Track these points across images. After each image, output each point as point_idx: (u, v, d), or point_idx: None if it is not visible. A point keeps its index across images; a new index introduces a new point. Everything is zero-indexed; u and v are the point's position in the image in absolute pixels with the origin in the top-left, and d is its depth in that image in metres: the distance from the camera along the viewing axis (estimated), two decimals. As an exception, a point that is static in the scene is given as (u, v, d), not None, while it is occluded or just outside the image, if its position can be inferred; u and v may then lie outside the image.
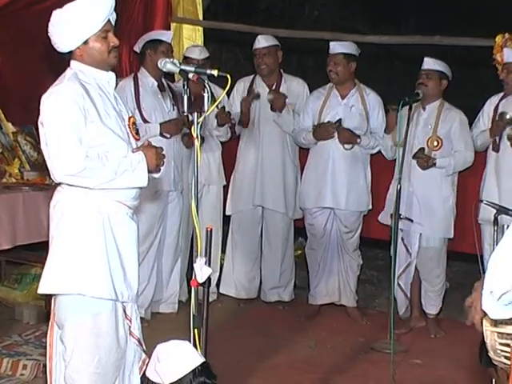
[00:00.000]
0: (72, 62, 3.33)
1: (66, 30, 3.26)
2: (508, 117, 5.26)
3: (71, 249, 3.26)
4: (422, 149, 5.46)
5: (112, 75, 3.40)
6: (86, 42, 3.27)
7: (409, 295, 5.72)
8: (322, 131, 5.77)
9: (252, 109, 6.11)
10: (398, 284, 5.63)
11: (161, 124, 5.49)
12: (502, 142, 5.34)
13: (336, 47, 5.77)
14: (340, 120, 5.73)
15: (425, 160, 5.43)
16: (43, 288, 3.32)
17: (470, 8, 10.07)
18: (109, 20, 3.30)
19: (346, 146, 5.75)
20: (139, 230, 3.53)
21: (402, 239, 5.58)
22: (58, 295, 3.32)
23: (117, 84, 3.54)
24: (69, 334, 3.29)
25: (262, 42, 6.05)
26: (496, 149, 5.38)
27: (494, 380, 2.54)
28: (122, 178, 3.21)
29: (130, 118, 3.46)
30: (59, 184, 3.32)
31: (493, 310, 2.04)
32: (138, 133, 3.48)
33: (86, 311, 3.26)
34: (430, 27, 8.46)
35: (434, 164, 5.44)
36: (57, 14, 3.28)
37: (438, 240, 5.63)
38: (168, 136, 5.47)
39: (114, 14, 3.36)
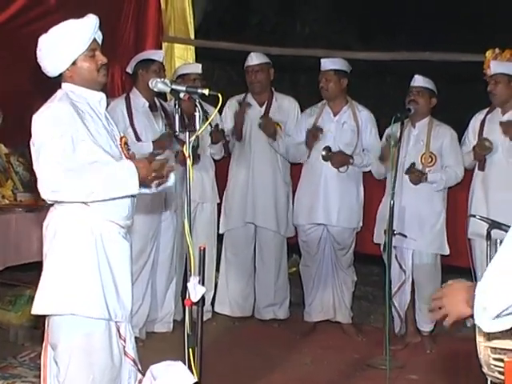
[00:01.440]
0: (63, 84, 3.36)
1: (54, 52, 3.29)
2: (487, 144, 5.31)
3: (63, 269, 3.25)
4: (414, 164, 5.48)
5: (102, 95, 3.42)
6: (74, 63, 3.31)
7: (402, 314, 5.70)
8: (312, 136, 5.79)
9: (243, 127, 6.12)
10: (393, 302, 5.63)
11: (153, 141, 5.49)
12: (487, 160, 5.39)
13: (327, 64, 5.81)
14: (329, 147, 5.74)
15: (417, 175, 5.44)
16: (36, 309, 3.31)
17: (461, 22, 10.14)
18: (95, 39, 3.34)
19: (341, 169, 5.78)
20: (132, 249, 3.53)
21: (396, 257, 5.58)
22: (51, 316, 3.31)
23: (108, 104, 3.55)
24: (62, 354, 3.28)
25: (255, 59, 6.08)
26: (481, 168, 5.43)
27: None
28: (110, 183, 3.18)
29: (121, 138, 3.47)
30: (52, 204, 3.32)
31: (486, 324, 2.04)
32: (129, 151, 3.48)
33: (79, 331, 3.25)
34: (422, 41, 8.51)
35: (426, 179, 5.45)
36: (43, 39, 3.33)
37: (430, 256, 5.62)
38: (161, 151, 5.47)
39: (100, 32, 3.39)
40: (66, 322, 3.25)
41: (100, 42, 3.39)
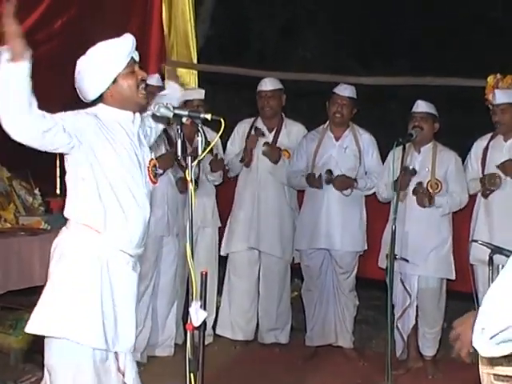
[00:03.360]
0: (98, 105, 3.36)
1: (94, 72, 3.28)
2: (497, 181, 5.33)
3: (64, 291, 3.22)
4: (420, 183, 5.47)
5: (137, 115, 3.43)
6: (115, 81, 3.30)
7: (405, 338, 5.68)
8: (312, 182, 5.80)
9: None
10: (397, 326, 5.61)
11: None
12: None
13: (346, 90, 5.82)
14: (330, 171, 5.75)
15: (425, 194, 5.44)
16: (30, 327, 3.26)
17: (462, 47, 10.19)
18: (132, 57, 3.34)
19: (345, 192, 5.78)
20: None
21: (402, 281, 5.57)
22: (47, 338, 3.28)
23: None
24: (55, 378, 3.25)
25: (268, 84, 6.09)
26: (485, 196, 5.44)
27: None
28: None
29: (150, 161, 3.47)
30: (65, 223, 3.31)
31: (483, 347, 2.03)
32: (155, 176, 3.48)
33: (71, 357, 3.21)
34: (421, 65, 8.55)
35: (432, 202, 5.45)
36: (82, 60, 3.32)
37: (436, 281, 5.61)
38: (161, 171, 5.46)
39: (137, 52, 3.39)
40: (60, 345, 3.22)
41: (138, 60, 3.40)
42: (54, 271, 3.28)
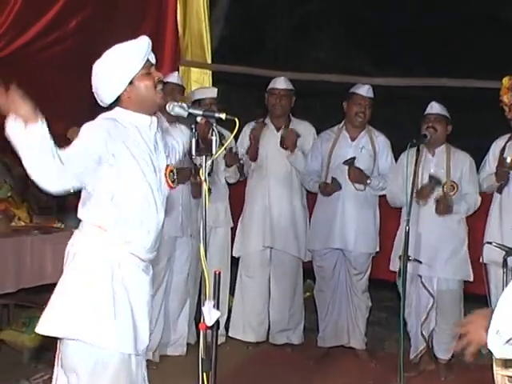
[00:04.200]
0: (115, 109, 3.36)
1: (111, 74, 3.28)
2: (509, 160, 5.29)
3: (76, 293, 3.21)
4: (439, 181, 5.47)
5: (154, 119, 3.41)
6: (131, 83, 3.29)
7: (427, 340, 5.65)
8: (326, 190, 5.81)
9: (260, 150, 6.12)
10: (422, 333, 5.60)
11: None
12: (507, 184, 5.37)
13: (369, 91, 5.81)
14: (354, 158, 5.75)
15: (446, 204, 5.43)
16: (41, 328, 3.25)
17: (476, 49, 10.16)
18: (148, 59, 3.34)
19: (358, 186, 5.77)
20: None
21: (423, 283, 5.56)
22: (62, 339, 3.28)
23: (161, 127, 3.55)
24: (83, 379, 3.24)
25: (282, 83, 6.09)
26: (499, 191, 5.40)
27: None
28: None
29: (167, 167, 3.45)
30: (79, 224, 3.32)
31: (498, 349, 2.03)
32: (174, 181, 3.47)
33: (92, 358, 3.21)
34: (435, 68, 8.53)
35: (451, 210, 5.45)
36: (98, 63, 3.31)
37: (456, 283, 5.59)
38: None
39: (153, 54, 3.39)
40: (76, 348, 3.22)
41: (154, 62, 3.40)
42: (66, 272, 3.28)
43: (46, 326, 3.24)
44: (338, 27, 11.56)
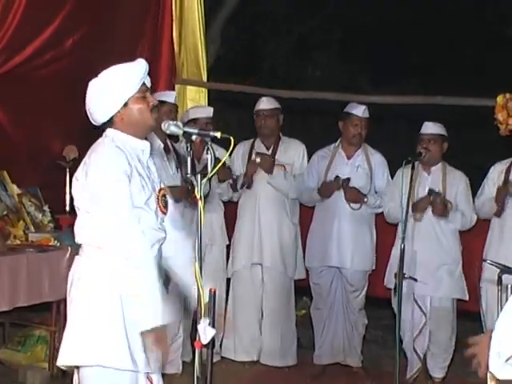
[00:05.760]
0: (108, 130, 3.35)
1: (105, 94, 3.28)
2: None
3: (88, 319, 3.22)
4: (439, 194, 5.47)
5: (147, 144, 3.41)
6: (125, 105, 3.30)
7: (422, 357, 5.63)
8: (326, 189, 5.80)
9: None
10: (414, 348, 5.58)
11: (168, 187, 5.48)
12: (506, 206, 5.34)
13: (366, 112, 5.83)
14: (349, 179, 5.76)
15: (443, 201, 5.43)
16: (63, 360, 3.28)
17: (471, 67, 10.22)
18: (144, 83, 3.34)
19: (353, 205, 5.78)
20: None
21: (416, 301, 5.56)
22: (80, 367, 3.28)
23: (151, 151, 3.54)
24: None
25: (266, 103, 6.11)
26: (498, 214, 5.38)
27: None
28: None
29: (160, 190, 3.45)
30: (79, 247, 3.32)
31: (500, 370, 2.04)
32: (166, 206, 3.47)
33: (109, 382, 3.23)
34: (431, 85, 8.56)
35: (447, 214, 5.45)
36: (93, 83, 3.32)
37: (450, 300, 5.59)
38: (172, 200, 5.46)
39: (148, 78, 3.39)
40: (96, 373, 3.23)
41: (149, 86, 3.40)
42: (74, 299, 3.29)
43: (65, 357, 3.27)
44: (334, 45, 11.61)
